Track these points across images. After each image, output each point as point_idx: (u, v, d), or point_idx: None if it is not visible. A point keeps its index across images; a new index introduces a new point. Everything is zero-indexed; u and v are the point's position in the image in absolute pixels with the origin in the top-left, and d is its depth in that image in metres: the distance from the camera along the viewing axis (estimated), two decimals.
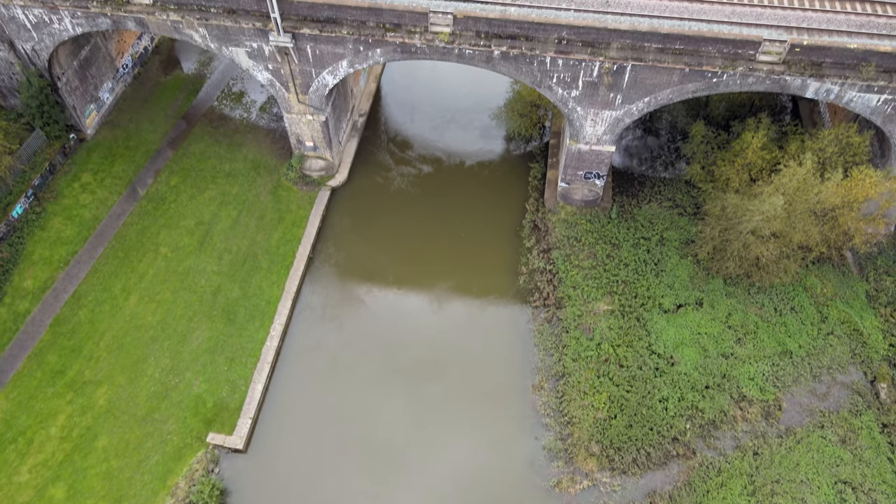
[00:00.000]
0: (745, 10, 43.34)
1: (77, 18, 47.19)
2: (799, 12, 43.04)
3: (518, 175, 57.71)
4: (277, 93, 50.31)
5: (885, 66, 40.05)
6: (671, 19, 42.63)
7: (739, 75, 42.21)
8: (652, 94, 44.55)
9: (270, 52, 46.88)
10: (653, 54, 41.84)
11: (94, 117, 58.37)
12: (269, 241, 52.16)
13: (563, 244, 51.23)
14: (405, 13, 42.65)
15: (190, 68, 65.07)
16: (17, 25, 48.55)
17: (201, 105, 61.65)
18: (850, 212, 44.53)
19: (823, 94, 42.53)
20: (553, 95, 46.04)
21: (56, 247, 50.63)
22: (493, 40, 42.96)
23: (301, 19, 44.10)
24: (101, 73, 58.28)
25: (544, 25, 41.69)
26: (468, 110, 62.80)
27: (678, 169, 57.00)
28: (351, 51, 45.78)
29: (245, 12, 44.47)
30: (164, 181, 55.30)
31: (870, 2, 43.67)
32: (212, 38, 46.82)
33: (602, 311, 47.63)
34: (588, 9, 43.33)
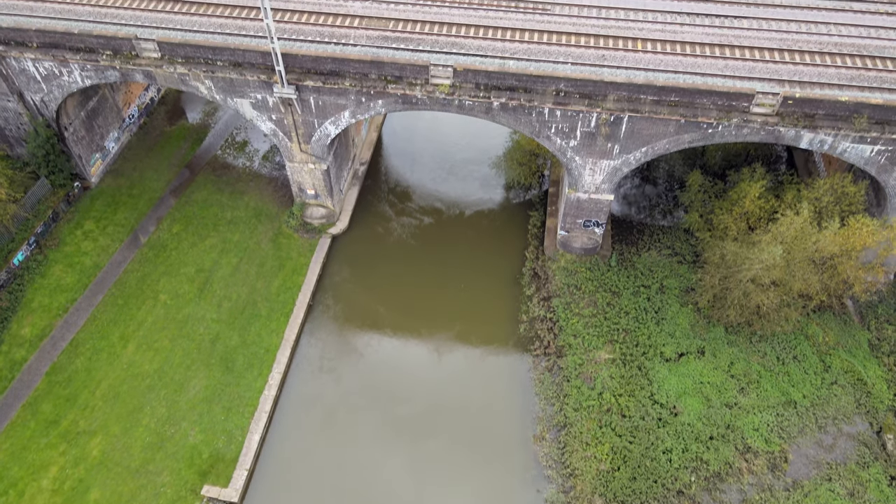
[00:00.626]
0: (738, 63, 44.47)
1: (86, 71, 48.34)
2: (790, 66, 44.16)
3: (518, 223, 58.12)
4: (280, 142, 51.13)
5: (878, 117, 40.84)
6: (666, 72, 43.71)
7: (734, 126, 42.99)
8: (649, 145, 45.27)
9: (274, 103, 47.86)
10: (649, 106, 42.71)
11: (99, 166, 59.18)
12: (269, 289, 52.15)
13: (563, 292, 51.21)
14: (407, 66, 43.73)
15: (195, 118, 66.31)
16: (27, 77, 49.71)
17: (205, 154, 62.58)
18: (848, 260, 44.67)
19: (817, 144, 43.23)
20: (552, 145, 46.79)
21: (56, 294, 50.60)
22: (493, 92, 43.92)
23: (305, 72, 45.19)
24: (108, 123, 59.37)
25: (542, 78, 42.69)
26: (468, 159, 63.70)
27: (677, 217, 57.45)
28: (353, 102, 46.74)
29: (251, 65, 45.60)
30: (165, 228, 55.67)
31: (859, 56, 44.87)
32: (217, 90, 47.87)
33: (603, 360, 47.27)
34: (585, 62, 44.47)
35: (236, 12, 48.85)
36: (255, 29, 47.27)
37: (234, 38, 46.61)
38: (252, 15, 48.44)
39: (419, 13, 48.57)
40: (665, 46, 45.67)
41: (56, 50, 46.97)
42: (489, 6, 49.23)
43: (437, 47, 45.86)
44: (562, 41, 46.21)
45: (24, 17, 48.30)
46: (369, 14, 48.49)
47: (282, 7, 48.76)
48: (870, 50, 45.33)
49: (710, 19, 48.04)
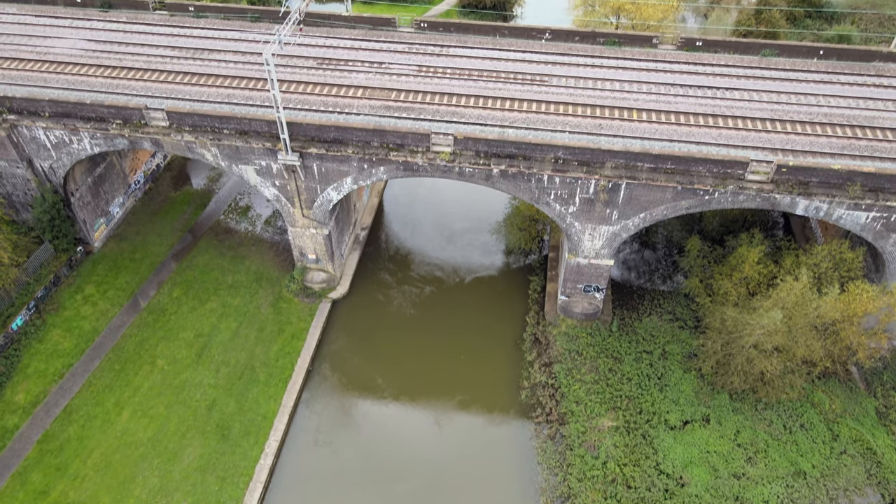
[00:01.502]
0: (732, 132, 45.64)
1: (96, 139, 49.51)
2: (782, 135, 45.30)
3: (518, 288, 58.15)
4: (283, 207, 51.80)
5: (871, 185, 41.55)
6: (661, 141, 44.79)
7: (730, 193, 43.67)
8: (647, 211, 45.86)
9: (278, 169, 48.78)
10: (646, 173, 43.53)
11: (103, 230, 59.73)
12: (268, 354, 51.66)
13: (564, 358, 50.72)
14: (408, 134, 44.82)
15: (199, 184, 67.40)
16: (37, 145, 50.85)
17: (208, 219, 63.26)
18: (850, 326, 44.45)
19: (813, 211, 43.81)
20: (551, 211, 47.40)
21: (52, 359, 50.08)
22: (493, 159, 44.83)
23: (309, 140, 46.28)
24: (114, 189, 60.30)
25: (541, 146, 43.69)
26: (468, 225, 64.34)
27: (676, 282, 57.54)
28: (355, 168, 47.65)
29: (256, 134, 46.74)
30: (166, 293, 55.65)
31: (849, 125, 46.09)
32: (223, 157, 48.88)
33: (606, 428, 46.32)
34: (582, 131, 45.64)
35: (244, 83, 50.52)
36: (261, 99, 48.74)
37: (241, 107, 48.00)
38: (259, 86, 50.06)
39: (421, 84, 50.23)
40: (660, 116, 46.99)
41: (67, 119, 48.25)
42: (488, 78, 50.96)
43: (438, 116, 47.16)
44: (559, 111, 47.58)
45: (38, 87, 49.91)
46: (372, 85, 50.13)
47: (288, 79, 50.44)
48: (859, 120, 46.63)
49: (703, 90, 49.64)
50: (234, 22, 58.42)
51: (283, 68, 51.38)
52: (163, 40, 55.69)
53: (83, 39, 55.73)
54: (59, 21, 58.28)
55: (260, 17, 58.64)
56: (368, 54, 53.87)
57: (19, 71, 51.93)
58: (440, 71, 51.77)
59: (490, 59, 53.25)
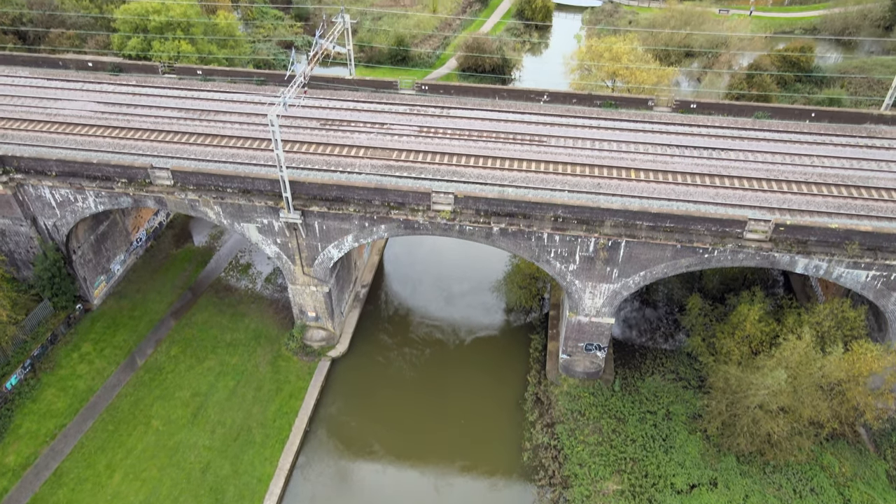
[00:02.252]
0: (728, 192, 46.24)
1: (101, 197, 50.11)
2: (779, 195, 45.87)
3: (519, 347, 57.65)
4: (283, 265, 51.93)
5: (869, 244, 41.80)
6: (660, 200, 45.33)
7: (729, 251, 43.87)
8: (647, 269, 45.96)
9: (280, 227, 49.17)
10: (645, 231, 43.85)
11: (103, 288, 59.69)
12: (265, 414, 50.73)
13: (566, 418, 49.80)
14: (409, 193, 45.39)
15: (201, 241, 67.79)
16: (42, 203, 51.42)
17: (209, 276, 63.32)
18: (856, 386, 43.86)
19: (813, 269, 43.91)
20: (551, 269, 47.50)
21: (45, 419, 49.15)
22: (493, 218, 45.24)
23: (311, 198, 46.82)
24: (116, 247, 60.62)
25: (540, 204, 44.17)
26: (468, 283, 64.35)
27: (678, 340, 57.11)
28: (356, 226, 48.03)
29: (259, 192, 47.35)
30: (163, 351, 55.14)
31: (844, 185, 46.73)
32: (225, 215, 49.35)
33: (611, 492, 45.03)
34: (581, 190, 46.25)
35: (248, 143, 51.53)
36: (264, 158, 49.59)
37: (245, 166, 48.79)
38: (263, 146, 51.04)
39: (422, 144, 51.23)
40: (657, 175, 47.72)
41: (74, 178, 48.97)
42: (488, 138, 52.01)
43: (438, 175, 47.88)
44: (558, 170, 48.34)
45: (47, 147, 50.87)
46: (374, 145, 51.11)
47: (292, 139, 51.47)
48: (854, 180, 47.32)
49: (699, 151, 50.59)
50: (240, 85, 60.09)
51: (287, 129, 52.51)
52: (170, 102, 57.11)
53: (93, 102, 57.16)
54: (70, 84, 59.95)
55: (265, 81, 60.34)
56: (371, 115, 55.16)
57: (29, 132, 53.05)
58: (441, 131, 52.90)
59: (490, 120, 54.48)
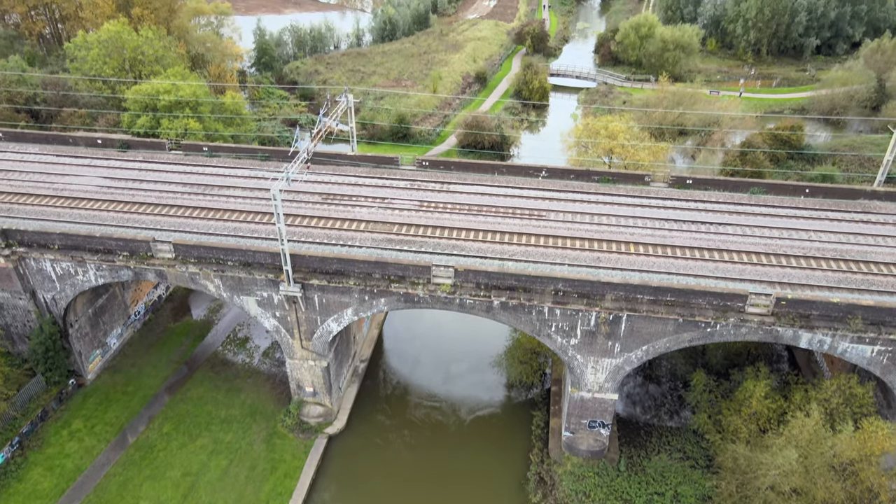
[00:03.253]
0: (728, 266, 46.36)
1: (101, 270, 50.17)
2: (778, 269, 45.97)
3: (520, 424, 56.21)
4: (282, 339, 51.39)
5: (872, 318, 41.53)
6: (660, 273, 45.38)
7: (732, 326, 43.53)
8: (649, 343, 45.46)
9: (279, 300, 48.97)
10: (646, 305, 43.64)
11: (98, 362, 58.83)
12: (259, 495, 48.85)
13: (571, 499, 47.93)
14: (409, 266, 45.48)
15: (199, 315, 67.35)
16: (42, 277, 51.44)
17: (206, 350, 62.53)
18: (868, 466, 42.47)
19: (817, 344, 43.43)
20: (553, 343, 46.97)
21: (30, 501, 47.24)
22: (493, 291, 45.14)
23: (311, 271, 46.87)
24: (113, 320, 60.17)
25: (541, 278, 44.17)
26: (468, 358, 63.48)
27: (684, 418, 55.76)
28: (356, 300, 47.84)
29: (260, 265, 47.45)
30: (156, 428, 53.71)
31: (843, 260, 46.90)
32: (225, 288, 49.26)
33: None
34: (581, 263, 46.38)
35: (250, 217, 52.10)
36: (266, 232, 50.01)
37: (246, 240, 49.12)
38: (265, 220, 51.57)
39: (422, 218, 51.77)
40: (656, 249, 47.99)
41: (76, 251, 49.18)
42: (488, 212, 52.62)
43: (439, 249, 48.14)
44: (558, 244, 48.63)
45: (51, 221, 51.38)
46: (375, 219, 51.67)
47: (294, 212, 52.07)
48: (852, 254, 47.55)
49: (696, 225, 51.09)
50: (244, 161, 61.38)
51: (290, 203, 53.20)
52: (175, 177, 58.17)
53: (99, 177, 58.21)
54: (78, 160, 61.23)
55: (269, 157, 61.68)
56: (372, 190, 56.05)
57: (35, 206, 53.73)
58: (441, 206, 53.58)
59: (489, 195, 55.32)
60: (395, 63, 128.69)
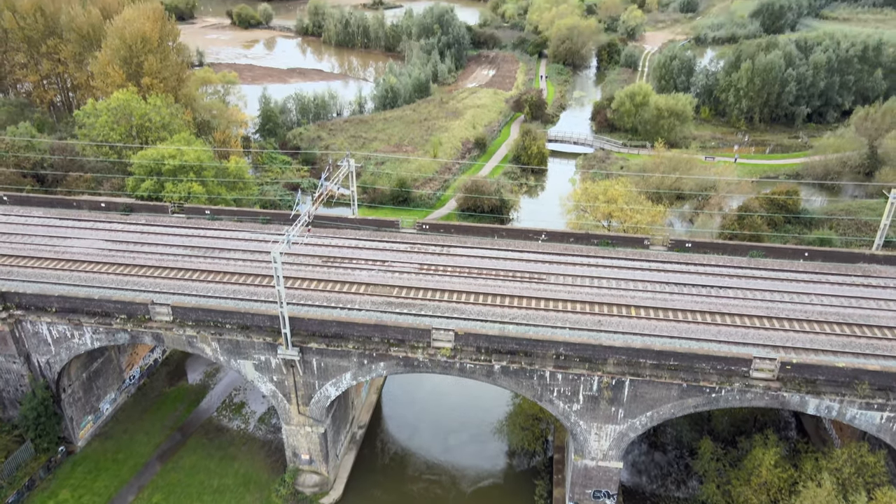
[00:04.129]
0: (731, 329, 45.94)
1: (98, 334, 49.68)
2: (782, 333, 45.53)
3: (523, 494, 54.29)
4: (279, 404, 50.36)
5: (879, 384, 40.82)
6: (662, 337, 44.91)
7: (737, 391, 42.73)
8: (654, 409, 44.52)
9: (277, 364, 48.27)
10: (649, 370, 42.99)
11: (90, 428, 57.46)
12: None
13: None
14: (409, 329, 45.06)
15: (195, 379, 66.24)
16: (38, 340, 50.89)
17: (200, 415, 61.16)
18: None
19: (825, 410, 42.52)
20: (555, 409, 46.01)
21: None
22: (494, 355, 44.56)
23: (310, 334, 46.42)
24: (107, 385, 59.15)
25: (542, 342, 43.69)
26: (469, 424, 61.99)
27: (691, 487, 53.97)
28: (355, 364, 47.16)
29: (258, 328, 47.03)
30: (145, 499, 51.89)
31: (846, 324, 46.52)
32: (222, 352, 48.65)
33: None
34: (582, 327, 45.96)
35: (250, 280, 52.04)
36: (265, 294, 49.82)
37: (245, 302, 48.87)
38: (265, 282, 51.47)
39: (422, 281, 51.69)
40: (658, 313, 47.68)
41: (73, 314, 48.85)
42: (488, 275, 52.58)
43: (439, 312, 47.82)
44: (558, 307, 48.38)
45: (49, 284, 51.23)
46: (375, 281, 51.57)
47: (293, 275, 52.03)
48: (855, 318, 47.22)
49: (697, 289, 50.96)
50: (246, 224, 61.82)
51: (290, 265, 53.23)
52: (176, 240, 58.41)
53: (101, 240, 58.47)
54: (81, 223, 61.66)
55: (271, 220, 62.16)
56: (372, 253, 56.20)
57: (35, 269, 53.72)
58: (441, 269, 53.59)
59: (489, 258, 55.40)
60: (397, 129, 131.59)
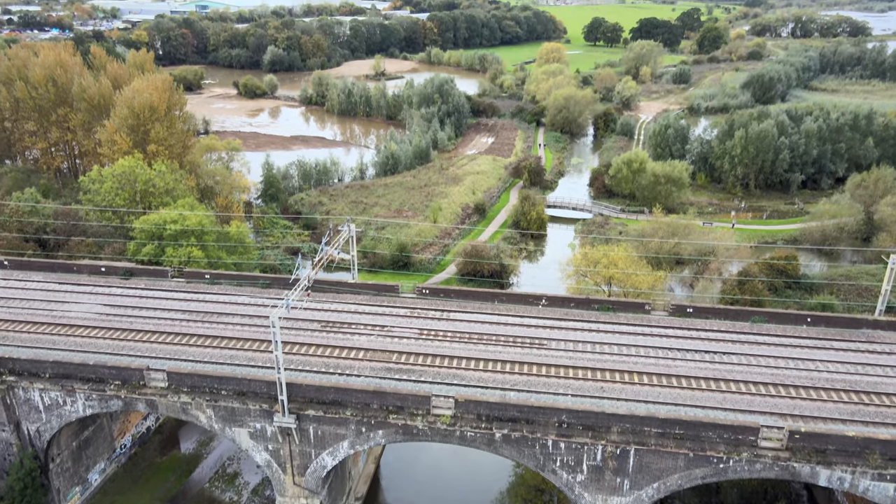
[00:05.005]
0: (737, 397, 45.10)
1: (91, 400, 48.71)
2: (788, 400, 44.67)
3: None
4: (273, 474, 48.84)
5: (891, 454, 39.71)
6: (666, 405, 44.00)
7: (745, 461, 41.52)
8: (660, 480, 43.14)
9: (273, 432, 47.11)
10: (654, 439, 41.92)
11: (76, 501, 55.50)
12: None
13: None
14: (409, 396, 44.22)
15: (188, 448, 64.48)
16: (29, 407, 49.84)
17: (192, 487, 59.18)
18: None
19: (837, 482, 41.19)
20: (558, 480, 44.59)
21: None
22: (495, 423, 43.55)
23: (307, 401, 45.52)
24: (97, 454, 57.54)
25: (544, 409, 42.80)
26: (470, 496, 59.93)
27: None
28: (353, 432, 46.03)
29: (254, 394, 46.17)
30: None
31: (853, 391, 45.71)
32: (217, 419, 47.57)
33: None
34: (585, 394, 45.12)
35: (248, 345, 51.47)
36: (263, 360, 49.16)
37: (242, 368, 48.16)
38: (262, 347, 50.88)
39: (422, 346, 51.11)
40: (661, 379, 46.93)
41: (66, 380, 48.05)
42: (488, 341, 52.03)
43: (439, 378, 47.08)
44: (560, 373, 47.66)
45: (45, 349, 50.60)
46: (374, 347, 51.00)
47: (292, 340, 51.48)
48: (862, 385, 46.44)
49: (700, 355, 50.33)
50: (245, 288, 61.67)
51: (288, 330, 52.72)
52: (175, 304, 58.13)
53: (99, 304, 58.17)
54: (79, 288, 61.49)
55: (270, 284, 62.06)
56: (371, 318, 55.79)
57: (30, 333, 53.21)
58: (441, 334, 53.08)
59: (490, 324, 54.97)
60: (397, 195, 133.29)
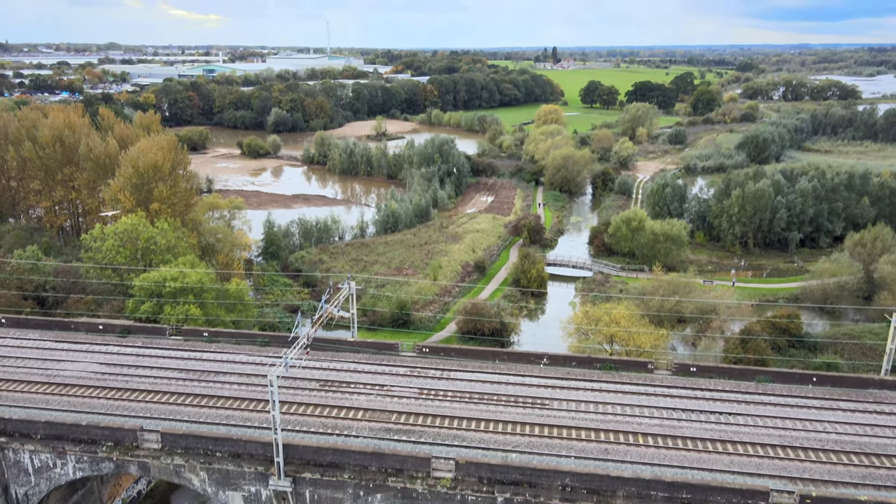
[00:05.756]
0: (744, 459, 43.99)
1: (81, 463, 47.47)
2: (797, 463, 43.56)
3: None
4: None
5: None
6: (672, 467, 42.87)
7: None
8: None
9: (268, 496, 45.70)
10: (661, 503, 40.64)
11: None
12: None
13: None
14: (408, 458, 43.15)
15: None
16: (18, 470, 48.55)
17: None
18: None
19: None
20: None
21: None
22: (496, 486, 42.36)
23: (304, 463, 44.39)
24: None
25: (547, 472, 41.69)
26: None
27: None
28: (350, 496, 44.67)
29: (250, 456, 45.06)
30: None
31: (864, 453, 44.62)
32: (211, 482, 46.25)
33: None
34: (588, 456, 44.03)
35: (244, 404, 50.56)
36: (259, 420, 48.19)
37: (238, 428, 47.15)
38: (259, 407, 49.96)
39: (422, 406, 50.21)
40: (666, 441, 45.90)
41: (57, 441, 46.99)
42: (489, 401, 51.14)
43: (439, 439, 46.06)
44: (563, 434, 46.64)
45: (38, 409, 49.65)
46: (373, 407, 50.09)
47: (290, 400, 50.62)
48: (872, 447, 45.40)
49: (705, 415, 49.38)
50: (244, 346, 61.07)
51: (286, 390, 51.91)
52: (172, 363, 57.42)
53: (95, 363, 57.45)
54: (77, 346, 60.89)
55: (269, 342, 61.49)
56: (370, 377, 55.01)
57: (23, 393, 52.34)
58: (441, 394, 52.23)
59: (490, 383, 54.14)
60: (397, 253, 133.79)
